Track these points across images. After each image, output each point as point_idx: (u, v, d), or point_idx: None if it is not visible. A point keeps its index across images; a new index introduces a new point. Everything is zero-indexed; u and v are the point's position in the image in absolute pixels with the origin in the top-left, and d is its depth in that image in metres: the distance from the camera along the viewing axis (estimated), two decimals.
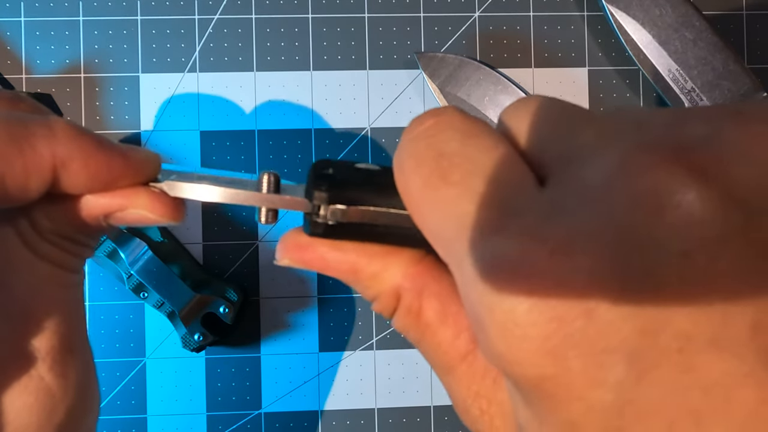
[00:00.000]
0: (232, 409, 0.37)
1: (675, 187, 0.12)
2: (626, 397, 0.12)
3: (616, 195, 0.13)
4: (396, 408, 0.37)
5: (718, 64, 0.36)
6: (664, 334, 0.12)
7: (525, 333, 0.13)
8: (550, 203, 0.13)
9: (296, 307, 0.37)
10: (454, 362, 0.17)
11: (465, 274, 0.14)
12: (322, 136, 0.38)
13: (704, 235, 0.12)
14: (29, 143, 0.16)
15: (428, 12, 0.38)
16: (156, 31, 0.37)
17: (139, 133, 0.37)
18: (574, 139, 0.14)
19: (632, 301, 0.12)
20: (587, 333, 0.12)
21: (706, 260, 0.12)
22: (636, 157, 0.13)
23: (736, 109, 0.13)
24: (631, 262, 0.12)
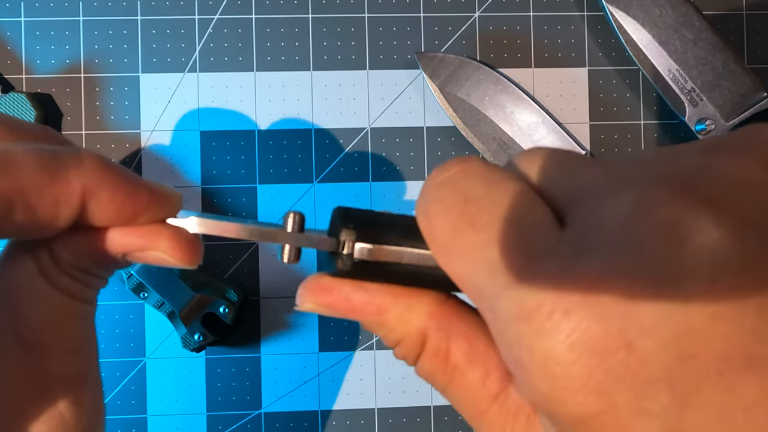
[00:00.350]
0: (232, 409, 0.37)
1: (692, 216, 0.13)
2: (672, 424, 0.13)
3: (637, 230, 0.13)
4: (396, 408, 0.37)
5: (718, 64, 0.36)
6: (703, 358, 0.12)
7: (567, 371, 0.13)
8: (574, 242, 0.14)
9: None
10: (485, 404, 0.17)
11: (500, 317, 0.14)
12: (322, 136, 0.38)
13: (727, 258, 0.12)
14: (61, 174, 0.16)
15: (428, 12, 0.38)
16: (156, 31, 0.37)
17: (138, 133, 0.37)
18: (584, 179, 0.15)
19: (669, 329, 0.13)
20: (629, 365, 0.13)
21: (732, 281, 0.12)
22: (650, 193, 0.13)
23: (719, 145, 0.14)
24: (664, 292, 0.13)
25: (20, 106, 0.34)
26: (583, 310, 0.13)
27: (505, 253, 0.14)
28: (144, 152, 0.37)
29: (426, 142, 0.38)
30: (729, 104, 0.36)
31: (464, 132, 0.37)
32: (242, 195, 0.37)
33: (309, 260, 0.37)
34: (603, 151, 0.38)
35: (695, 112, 0.36)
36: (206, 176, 0.37)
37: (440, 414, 0.37)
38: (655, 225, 0.13)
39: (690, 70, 0.36)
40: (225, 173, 0.37)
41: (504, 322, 0.14)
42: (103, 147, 0.37)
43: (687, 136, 0.38)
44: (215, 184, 0.37)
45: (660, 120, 0.39)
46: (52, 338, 0.18)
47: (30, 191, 0.16)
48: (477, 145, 0.37)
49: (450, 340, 0.17)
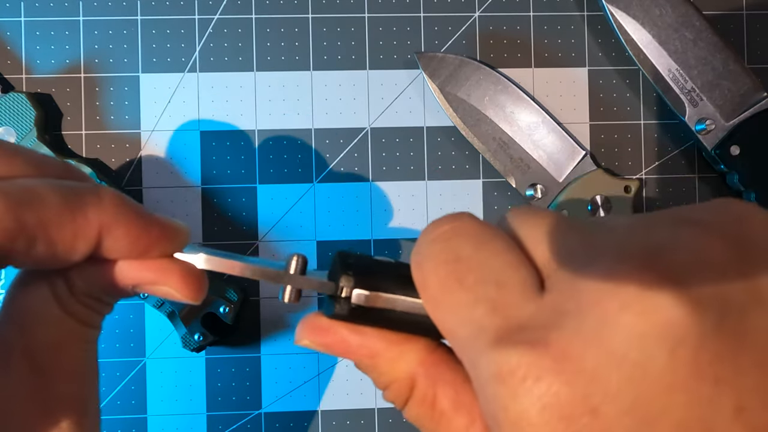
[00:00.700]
0: (232, 409, 0.37)
1: (654, 293, 0.14)
2: None
3: (604, 304, 0.14)
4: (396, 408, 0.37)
5: (718, 64, 0.36)
6: (662, 425, 0.14)
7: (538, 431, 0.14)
8: (551, 310, 0.15)
9: (296, 306, 0.37)
10: None
11: (480, 374, 0.15)
12: (322, 136, 0.38)
13: (684, 335, 0.14)
14: (81, 210, 0.17)
15: (428, 12, 0.38)
16: (156, 31, 0.37)
17: (138, 133, 0.37)
18: (563, 245, 0.16)
19: (630, 396, 0.14)
20: (593, 428, 0.14)
21: (689, 355, 0.14)
22: (618, 267, 0.15)
23: (689, 217, 0.16)
24: (625, 362, 0.14)
25: (20, 106, 0.34)
26: (553, 376, 0.14)
27: (487, 316, 0.16)
28: (144, 152, 0.37)
29: (426, 142, 0.38)
30: (729, 104, 0.36)
31: (464, 132, 0.37)
32: (242, 195, 0.37)
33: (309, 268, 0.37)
34: (603, 151, 0.38)
35: (695, 112, 0.36)
36: (206, 176, 0.37)
37: None
38: (620, 300, 0.14)
39: (690, 70, 0.36)
40: (225, 173, 0.37)
41: (483, 379, 0.15)
42: (103, 147, 0.37)
43: (687, 136, 0.38)
44: (215, 184, 0.37)
45: (660, 120, 0.39)
46: (60, 361, 0.19)
47: (52, 226, 0.17)
48: (477, 145, 0.37)
49: (437, 387, 0.18)
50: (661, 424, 0.14)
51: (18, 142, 0.34)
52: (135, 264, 0.19)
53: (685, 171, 0.39)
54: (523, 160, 0.36)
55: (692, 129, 0.36)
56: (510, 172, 0.37)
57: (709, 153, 0.36)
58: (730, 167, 0.36)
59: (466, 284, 0.16)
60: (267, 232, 0.37)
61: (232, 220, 0.37)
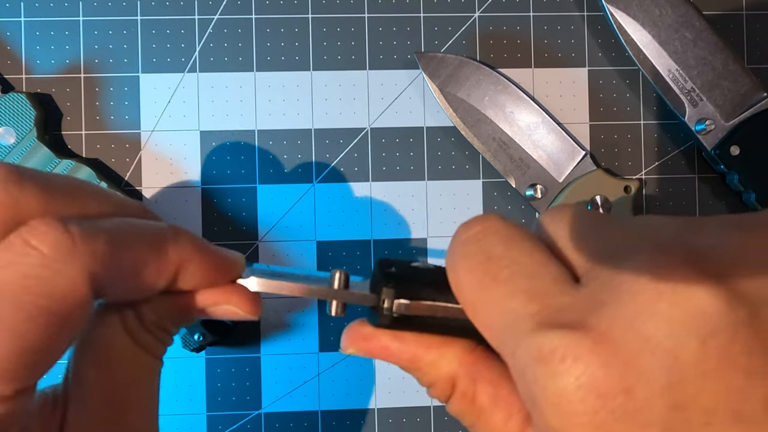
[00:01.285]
0: (232, 409, 0.37)
1: (693, 285, 0.15)
2: None
3: (643, 291, 0.15)
4: (396, 408, 0.37)
5: (718, 64, 0.36)
6: (693, 409, 0.14)
7: (575, 409, 0.15)
8: (588, 297, 0.16)
9: (296, 307, 0.37)
10: None
11: (518, 361, 0.17)
12: (322, 136, 0.38)
13: (716, 325, 0.15)
14: (164, 249, 0.19)
15: (428, 12, 0.38)
16: (156, 31, 0.37)
17: (138, 133, 0.37)
18: (601, 242, 0.17)
19: (662, 379, 0.15)
20: (627, 408, 0.15)
21: (721, 345, 0.14)
22: (657, 259, 0.16)
23: (738, 223, 0.17)
24: (659, 347, 0.15)
25: (20, 106, 0.34)
26: (591, 357, 0.15)
27: (524, 305, 0.17)
28: (144, 152, 0.37)
29: (426, 142, 0.38)
30: (729, 104, 0.36)
31: (464, 132, 0.37)
32: (242, 195, 0.37)
33: (309, 268, 0.37)
34: (603, 152, 0.38)
35: (695, 112, 0.36)
36: (206, 176, 0.37)
37: (440, 414, 0.37)
38: (657, 290, 0.15)
39: (690, 70, 0.36)
40: (225, 173, 0.37)
41: (523, 364, 0.16)
42: (103, 147, 0.37)
43: (687, 136, 0.38)
44: (215, 184, 0.37)
45: (660, 120, 0.39)
46: (131, 394, 0.20)
47: (142, 264, 0.19)
48: (477, 145, 0.37)
49: (477, 385, 0.20)
50: (692, 409, 0.14)
51: (18, 142, 0.34)
52: (204, 292, 0.21)
53: (685, 171, 0.39)
54: (523, 160, 0.36)
55: (692, 129, 0.36)
56: (510, 172, 0.37)
57: (709, 153, 0.36)
58: (730, 167, 0.36)
59: (501, 279, 0.17)
60: (267, 232, 0.37)
61: (232, 220, 0.37)
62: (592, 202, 0.36)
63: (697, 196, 0.39)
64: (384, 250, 0.37)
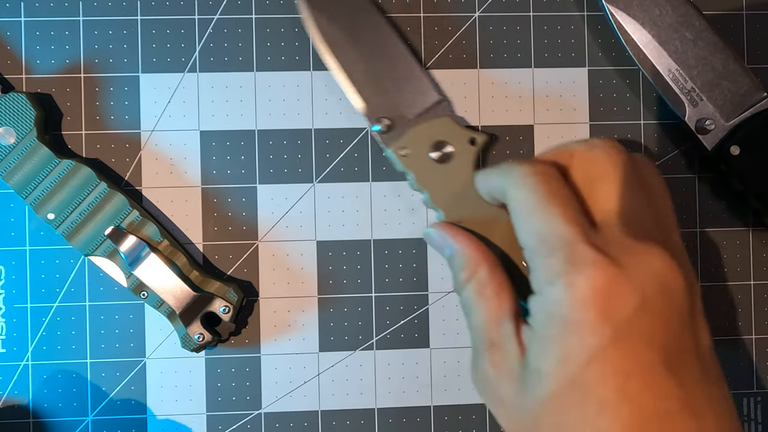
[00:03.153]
0: (232, 409, 0.37)
1: (676, 259, 0.27)
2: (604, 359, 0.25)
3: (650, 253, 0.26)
4: (396, 408, 0.37)
5: (718, 64, 0.36)
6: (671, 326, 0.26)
7: (589, 300, 0.25)
8: (610, 240, 0.26)
9: (296, 307, 0.37)
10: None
11: (552, 266, 0.26)
12: (322, 136, 0.38)
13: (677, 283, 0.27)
14: None
15: (428, 12, 0.38)
16: (156, 31, 0.37)
17: (138, 133, 0.37)
18: (628, 210, 0.28)
19: (657, 309, 0.26)
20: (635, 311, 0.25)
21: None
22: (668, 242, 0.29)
23: None
24: (656, 285, 0.26)
25: (20, 106, 0.34)
26: (617, 275, 0.25)
27: (572, 223, 0.26)
28: (144, 152, 0.37)
29: None
30: (729, 104, 0.36)
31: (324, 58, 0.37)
32: (242, 195, 0.37)
33: (309, 268, 0.37)
34: None
35: (695, 111, 0.36)
36: (206, 176, 0.37)
37: (440, 414, 0.37)
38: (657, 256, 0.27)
39: (690, 70, 0.36)
40: (225, 173, 0.37)
41: (558, 268, 0.26)
42: (103, 147, 0.37)
43: (687, 136, 0.38)
44: (215, 184, 0.37)
45: (660, 120, 0.39)
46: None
47: None
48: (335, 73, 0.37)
49: (491, 279, 0.30)
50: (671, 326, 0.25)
51: (18, 142, 0.34)
52: None
53: (685, 171, 0.39)
54: (388, 91, 0.36)
55: (692, 129, 0.36)
56: (367, 99, 0.36)
57: (709, 153, 0.36)
58: (730, 167, 0.36)
59: (556, 204, 0.26)
60: (267, 232, 0.37)
61: (232, 220, 0.37)
62: (436, 146, 0.35)
63: (697, 196, 0.39)
64: (384, 250, 0.37)
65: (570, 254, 0.25)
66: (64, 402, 0.36)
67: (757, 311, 0.39)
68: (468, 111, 0.38)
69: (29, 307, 0.36)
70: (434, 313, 0.38)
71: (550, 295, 0.25)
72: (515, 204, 0.28)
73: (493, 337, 0.28)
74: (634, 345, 0.24)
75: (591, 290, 0.24)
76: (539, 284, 0.26)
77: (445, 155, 0.35)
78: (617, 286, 0.24)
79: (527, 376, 0.26)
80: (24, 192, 0.34)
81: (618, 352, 0.24)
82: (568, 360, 0.25)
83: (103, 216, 0.35)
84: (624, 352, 0.24)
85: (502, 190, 0.29)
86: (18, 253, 0.36)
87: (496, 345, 0.28)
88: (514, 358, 0.27)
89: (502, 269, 0.30)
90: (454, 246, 0.31)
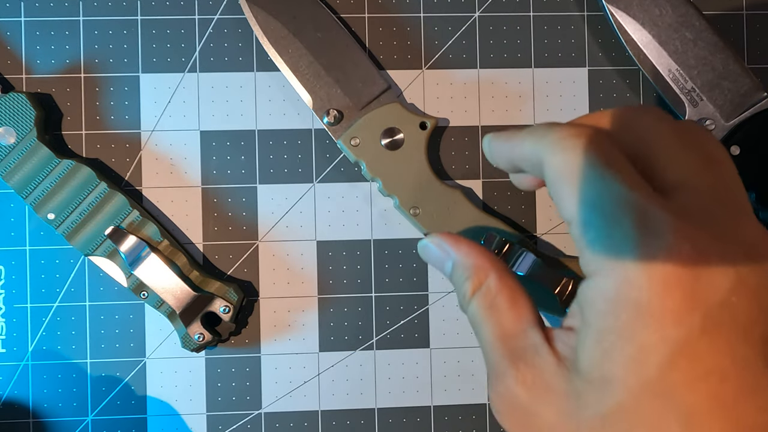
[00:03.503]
0: (232, 409, 0.37)
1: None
2: (682, 343, 0.19)
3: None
4: (396, 408, 0.37)
5: (718, 64, 0.36)
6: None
7: (667, 272, 0.19)
8: (682, 209, 0.21)
9: (296, 307, 0.37)
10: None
11: (612, 236, 0.20)
12: (322, 136, 0.38)
13: None
14: None
15: (428, 12, 0.38)
16: (156, 31, 0.37)
17: (138, 133, 0.37)
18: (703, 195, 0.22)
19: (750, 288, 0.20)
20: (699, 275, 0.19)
21: None
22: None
23: None
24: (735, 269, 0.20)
25: (20, 106, 0.34)
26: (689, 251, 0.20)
27: (632, 191, 0.20)
28: (144, 152, 0.37)
29: None
30: (729, 104, 0.36)
31: (269, 52, 0.37)
32: (242, 195, 0.37)
33: (309, 268, 0.37)
34: None
35: (695, 112, 0.36)
36: (206, 176, 0.37)
37: (440, 414, 0.37)
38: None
39: (690, 70, 0.36)
40: (225, 173, 0.37)
41: (618, 239, 0.20)
42: (103, 147, 0.37)
43: None
44: (215, 184, 0.37)
45: None
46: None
47: None
48: (279, 63, 0.37)
49: (501, 289, 0.25)
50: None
51: (18, 142, 0.34)
52: None
53: None
54: (335, 82, 0.36)
55: None
56: (314, 92, 0.36)
57: None
58: None
59: (613, 166, 0.21)
60: (267, 232, 0.37)
61: (232, 220, 0.37)
62: (386, 134, 0.35)
63: None
64: (384, 250, 0.37)
65: (642, 221, 0.20)
66: (64, 402, 0.36)
67: None
68: (468, 111, 0.38)
69: (29, 307, 0.36)
70: (434, 313, 0.38)
71: (615, 275, 0.20)
72: (557, 171, 0.22)
73: (516, 350, 0.23)
74: (729, 338, 0.19)
75: (676, 265, 0.19)
76: (597, 264, 0.20)
77: (396, 141, 0.35)
78: (707, 261, 0.19)
79: (579, 389, 0.21)
80: (24, 192, 0.34)
81: (710, 346, 0.19)
82: (642, 360, 0.19)
83: (103, 216, 0.35)
84: (717, 347, 0.19)
85: (536, 156, 0.23)
86: (18, 253, 0.36)
87: (522, 359, 0.23)
88: (552, 372, 0.22)
89: (512, 275, 0.25)
90: (455, 256, 0.26)
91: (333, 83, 0.36)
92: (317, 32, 0.36)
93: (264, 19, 0.36)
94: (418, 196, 0.35)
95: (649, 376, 0.19)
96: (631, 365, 0.19)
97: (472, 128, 0.38)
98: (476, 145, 0.38)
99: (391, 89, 0.36)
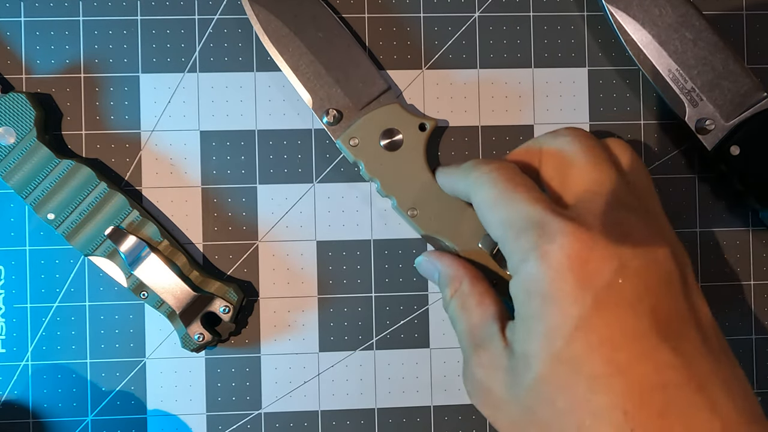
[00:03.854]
0: (232, 409, 0.37)
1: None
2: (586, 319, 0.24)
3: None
4: (396, 408, 0.37)
5: (718, 64, 0.36)
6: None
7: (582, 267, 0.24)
8: (576, 214, 0.26)
9: (296, 307, 0.37)
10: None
11: (527, 241, 0.25)
12: (322, 136, 0.38)
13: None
14: None
15: (428, 12, 0.38)
16: (156, 31, 0.37)
17: (138, 133, 0.37)
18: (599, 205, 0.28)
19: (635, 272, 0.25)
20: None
21: None
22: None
23: None
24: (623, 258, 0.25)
25: (20, 106, 0.34)
26: (585, 240, 0.25)
27: (535, 206, 0.26)
28: (144, 152, 0.37)
29: None
30: (729, 104, 0.36)
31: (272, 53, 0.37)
32: (242, 195, 0.37)
33: (309, 268, 0.37)
34: None
35: (695, 112, 0.36)
36: (206, 176, 0.37)
37: (440, 414, 0.37)
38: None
39: (690, 70, 0.36)
40: (225, 173, 0.37)
41: (531, 243, 0.25)
42: (103, 147, 0.37)
43: (687, 136, 0.38)
44: (215, 184, 0.37)
45: (660, 120, 0.39)
46: None
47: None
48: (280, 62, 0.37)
49: (473, 292, 0.30)
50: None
51: (18, 142, 0.34)
52: None
53: (685, 171, 0.39)
54: (335, 82, 0.36)
55: (692, 129, 0.36)
56: (314, 91, 0.36)
57: (709, 153, 0.36)
58: (730, 167, 0.36)
59: (518, 191, 0.27)
60: (267, 232, 0.37)
61: (232, 220, 0.37)
62: (385, 135, 0.35)
63: (697, 196, 0.39)
64: (384, 250, 0.37)
65: (540, 229, 0.25)
66: (64, 402, 0.36)
67: (757, 311, 0.39)
68: (468, 111, 0.38)
69: (29, 307, 0.36)
70: (434, 313, 0.38)
71: (526, 272, 0.25)
72: (479, 203, 0.28)
73: (478, 339, 0.28)
74: (618, 312, 0.23)
75: (566, 257, 0.24)
76: (514, 266, 0.26)
77: (395, 142, 0.35)
78: (592, 250, 0.24)
79: (515, 365, 0.25)
80: (24, 192, 0.34)
81: (602, 320, 0.23)
82: (551, 335, 0.24)
83: (103, 216, 0.35)
84: (608, 320, 0.23)
85: (466, 192, 0.30)
86: (18, 253, 0.36)
87: (481, 345, 0.28)
88: (500, 353, 0.27)
89: (484, 280, 0.31)
90: (440, 267, 0.32)
91: (333, 83, 0.36)
92: (318, 32, 0.36)
93: (265, 17, 0.36)
94: (416, 197, 0.35)
95: (557, 348, 0.24)
96: (543, 341, 0.24)
97: (472, 128, 0.38)
98: (476, 146, 0.38)
99: (391, 90, 0.36)
